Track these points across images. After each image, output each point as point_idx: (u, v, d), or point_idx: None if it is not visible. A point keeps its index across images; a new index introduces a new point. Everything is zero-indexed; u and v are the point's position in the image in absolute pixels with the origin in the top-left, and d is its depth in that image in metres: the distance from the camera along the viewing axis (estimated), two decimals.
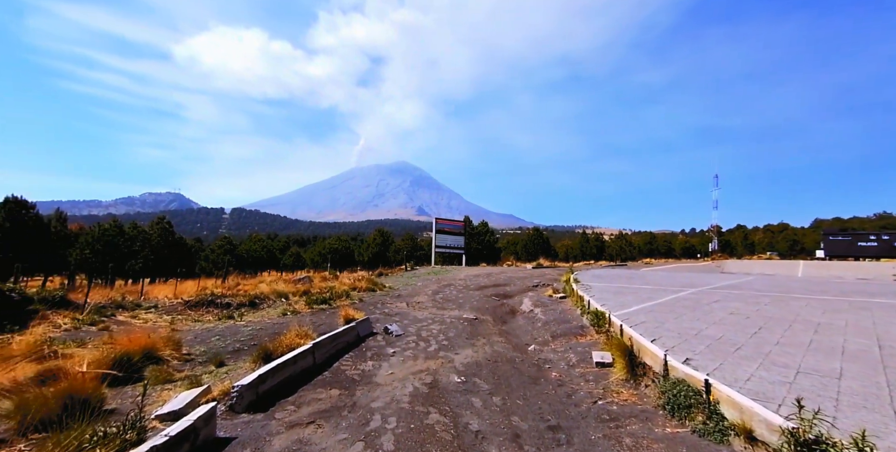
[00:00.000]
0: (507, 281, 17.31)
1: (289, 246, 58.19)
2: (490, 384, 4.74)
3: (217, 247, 43.79)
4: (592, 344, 6.43)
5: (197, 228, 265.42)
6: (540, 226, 58.08)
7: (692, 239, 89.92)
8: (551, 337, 7.37)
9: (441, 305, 11.02)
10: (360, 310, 9.30)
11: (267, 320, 8.16)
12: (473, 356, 5.88)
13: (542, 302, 11.19)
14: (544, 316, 9.34)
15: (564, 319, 8.49)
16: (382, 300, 11.41)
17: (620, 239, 68.15)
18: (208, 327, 7.44)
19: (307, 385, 4.13)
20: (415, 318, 8.91)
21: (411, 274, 22.39)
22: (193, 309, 9.50)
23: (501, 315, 10.29)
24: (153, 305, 9.49)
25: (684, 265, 34.35)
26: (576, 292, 10.46)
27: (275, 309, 9.45)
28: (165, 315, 9.00)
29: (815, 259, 40.22)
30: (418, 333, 7.23)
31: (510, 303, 11.84)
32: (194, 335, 6.85)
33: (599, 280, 14.87)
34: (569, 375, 5.21)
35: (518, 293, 14.24)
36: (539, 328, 8.25)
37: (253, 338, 6.68)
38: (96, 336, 6.51)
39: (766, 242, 74.85)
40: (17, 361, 4.59)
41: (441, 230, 31.53)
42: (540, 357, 6.24)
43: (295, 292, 12.14)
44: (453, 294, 13.24)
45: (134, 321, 8.24)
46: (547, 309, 10.15)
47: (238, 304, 9.84)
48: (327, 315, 8.66)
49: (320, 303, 9.23)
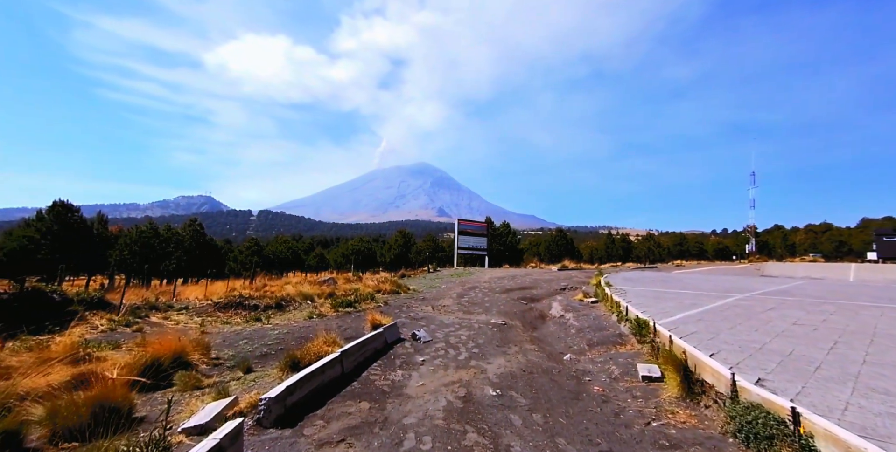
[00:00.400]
0: (533, 283, 16.82)
1: (313, 247, 59.36)
2: (528, 398, 4.40)
3: (245, 249, 45.14)
4: (635, 355, 5.97)
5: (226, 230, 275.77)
6: (562, 226, 56.36)
7: (725, 240, 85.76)
8: (588, 346, 6.94)
9: (467, 309, 10.72)
10: (386, 314, 9.13)
11: (293, 323, 8.09)
12: (507, 366, 5.55)
13: (572, 307, 10.71)
14: (577, 322, 8.88)
15: (600, 326, 8.02)
16: (407, 303, 11.22)
17: (648, 240, 65.72)
18: (236, 330, 7.43)
19: (336, 396, 3.92)
20: (441, 323, 8.65)
21: (434, 275, 22.19)
22: (222, 311, 9.60)
23: (531, 320, 9.89)
24: (184, 306, 9.65)
25: (719, 267, 32.63)
26: (609, 297, 9.92)
27: (301, 312, 9.41)
28: (196, 316, 9.12)
29: (866, 261, 37.39)
30: (447, 339, 6.96)
31: (539, 308, 11.41)
32: (223, 338, 6.83)
33: (632, 283, 14.17)
34: (613, 390, 4.80)
35: (546, 296, 13.76)
36: (573, 335, 7.81)
37: (280, 342, 6.59)
38: (130, 337, 6.59)
39: (809, 243, 70.41)
40: (54, 364, 4.61)
41: (463, 231, 31.22)
42: (577, 367, 5.84)
43: (320, 294, 12.14)
44: (479, 297, 12.91)
45: (166, 322, 8.37)
46: (579, 314, 9.67)
47: (265, 306, 9.88)
48: (353, 318, 8.53)
49: (345, 306, 9.13)
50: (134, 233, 33.56)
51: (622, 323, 7.72)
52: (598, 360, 6.12)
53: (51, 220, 29.66)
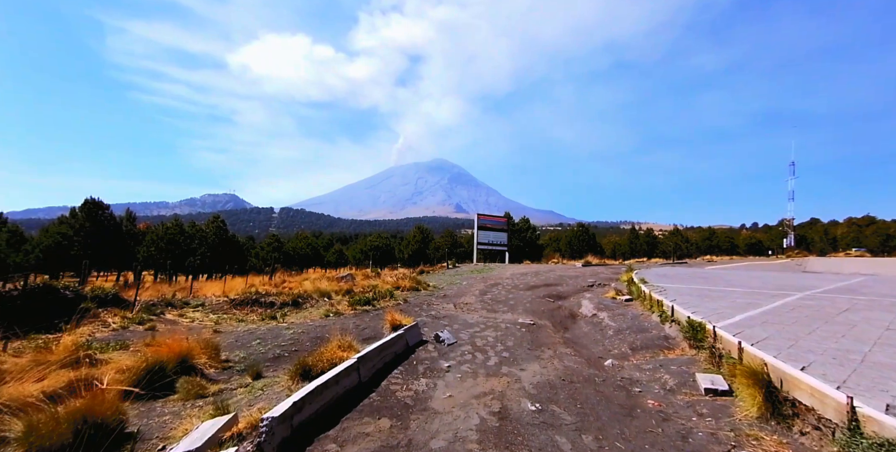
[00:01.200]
0: (558, 280, 16.03)
1: (332, 243, 59.88)
2: (573, 414, 3.77)
3: (266, 245, 45.80)
4: (689, 363, 5.22)
5: (249, 227, 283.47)
6: (582, 222, 54.68)
7: (757, 234, 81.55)
8: (630, 350, 6.21)
9: (491, 307, 10.10)
10: (406, 313, 8.62)
11: (309, 322, 7.68)
12: (543, 373, 4.91)
13: (605, 305, 9.93)
14: (613, 322, 8.12)
15: (640, 327, 7.25)
16: (428, 300, 10.70)
17: (675, 234, 63.14)
18: (251, 328, 7.07)
19: (352, 411, 3.40)
20: (465, 322, 8.07)
21: (454, 272, 21.64)
22: (238, 308, 9.32)
23: (560, 319, 9.18)
24: (200, 303, 9.42)
25: (756, 263, 30.75)
26: (648, 295, 9.09)
27: (318, 310, 9.02)
28: (212, 313, 8.86)
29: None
30: (472, 341, 6.37)
31: (567, 306, 10.68)
32: (235, 337, 6.46)
33: (669, 280, 13.20)
34: (671, 404, 4.10)
35: (573, 294, 12.99)
36: (611, 337, 7.08)
37: (294, 343, 6.16)
38: (141, 336, 6.30)
39: (851, 237, 66.05)
40: (52, 367, 4.27)
41: (483, 226, 30.52)
42: (623, 375, 5.15)
43: (338, 291, 11.77)
44: (502, 294, 12.26)
45: (181, 320, 8.11)
46: (614, 313, 8.90)
47: (281, 304, 9.54)
48: (371, 317, 8.05)
49: (363, 304, 8.67)
50: (160, 230, 34.41)
51: (667, 325, 6.93)
52: (644, 367, 5.40)
53: (83, 217, 30.69)
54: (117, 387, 3.43)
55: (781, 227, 59.29)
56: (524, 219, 52.71)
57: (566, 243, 56.31)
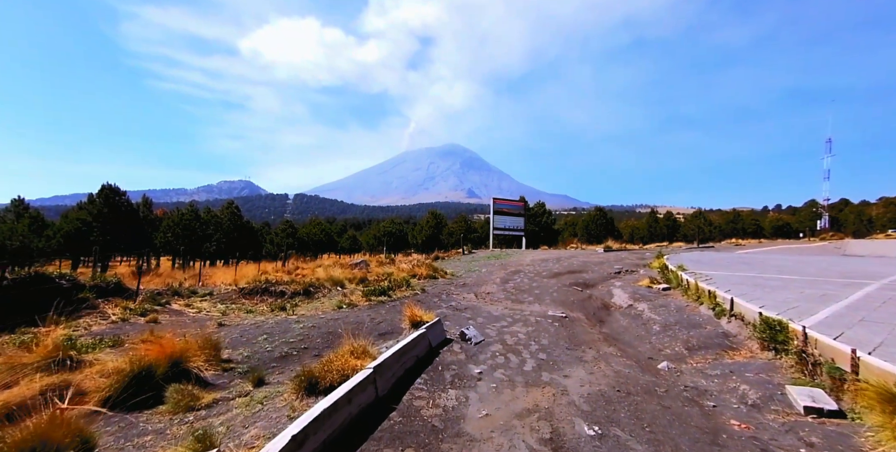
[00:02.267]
0: (582, 266, 15.13)
1: (345, 229, 59.84)
2: (643, 441, 3.00)
3: (280, 231, 45.89)
4: (767, 369, 4.37)
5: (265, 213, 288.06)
6: (596, 206, 52.88)
7: (784, 216, 78.05)
8: (686, 350, 5.39)
9: (515, 297, 9.35)
10: (425, 304, 7.94)
11: (321, 314, 7.08)
12: (592, 381, 4.15)
13: (641, 295, 9.07)
14: (656, 314, 7.28)
15: (691, 322, 6.39)
16: (447, 289, 10.01)
17: (697, 217, 60.79)
18: (258, 321, 6.50)
19: (368, 441, 2.71)
20: (490, 315, 7.35)
21: (470, 258, 20.92)
22: (248, 298, 8.81)
23: (594, 311, 8.38)
24: (209, 292, 8.94)
25: (791, 246, 29.03)
26: (693, 284, 8.17)
27: (331, 300, 8.42)
28: (220, 303, 8.36)
29: None
30: (502, 339, 5.64)
31: (597, 295, 9.85)
32: (241, 332, 5.88)
33: (706, 265, 12.16)
34: (763, 427, 3.29)
35: (600, 281, 12.12)
36: (658, 333, 6.25)
37: (304, 340, 5.54)
38: (142, 330, 5.77)
39: (888, 218, 62.52)
40: (26, 371, 3.71)
41: (499, 211, 29.53)
42: (685, 383, 4.35)
43: (352, 278, 11.19)
44: (525, 282, 11.49)
45: (187, 310, 7.62)
46: (654, 305, 8.04)
47: (292, 293, 8.99)
48: (387, 309, 7.40)
49: (378, 295, 8.03)
50: (176, 216, 34.60)
51: (724, 320, 6.06)
52: (710, 373, 4.59)
53: (100, 203, 30.96)
54: (81, 407, 2.82)
55: (815, 208, 56.17)
56: (539, 204, 51.33)
57: (583, 228, 54.85)
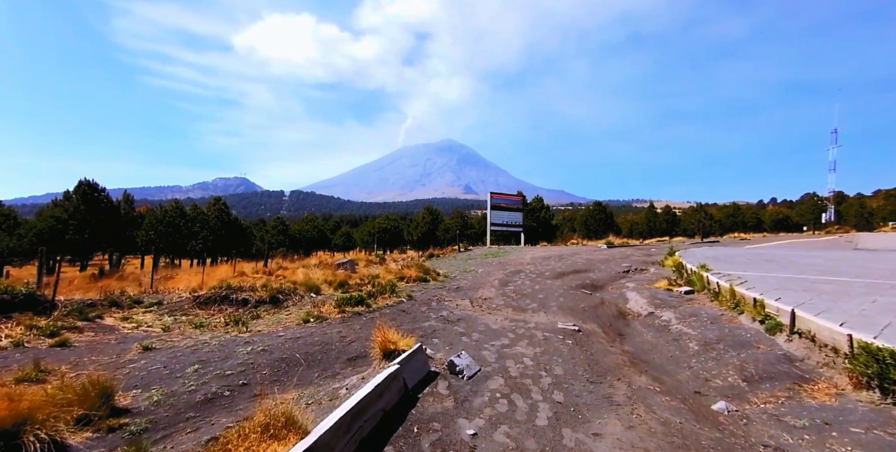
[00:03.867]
0: (587, 265, 13.91)
1: (339, 226, 58.41)
2: None
3: (271, 228, 44.39)
4: (881, 420, 3.13)
5: (261, 210, 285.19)
6: (591, 201, 51.98)
7: (784, 209, 77.21)
8: (743, 381, 4.14)
9: (517, 303, 8.10)
10: (410, 316, 6.66)
11: (280, 331, 5.78)
12: (634, 442, 2.90)
13: (661, 300, 7.83)
14: (688, 326, 6.04)
15: (736, 338, 5.15)
16: (438, 294, 8.74)
17: (698, 211, 59.68)
18: (199, 342, 5.20)
19: None
20: (487, 329, 6.09)
21: (466, 256, 19.66)
22: (204, 307, 7.50)
23: (609, 320, 7.14)
24: (157, 302, 7.62)
25: (798, 240, 27.97)
26: (724, 287, 6.93)
27: (300, 310, 7.13)
28: (167, 315, 7.05)
29: None
30: (503, 367, 4.37)
31: (609, 299, 8.62)
32: (168, 359, 4.58)
33: (727, 264, 10.94)
34: None
35: (609, 282, 10.91)
36: (699, 354, 5.01)
37: (246, 371, 4.25)
38: (28, 360, 4.45)
39: (889, 210, 61.83)
40: None
41: (497, 206, 28.26)
42: (760, 439, 3.10)
43: (332, 282, 9.90)
44: (527, 284, 10.24)
45: (122, 325, 6.31)
46: (680, 313, 6.81)
47: (257, 301, 7.69)
48: (363, 323, 6.11)
49: (355, 304, 6.74)
50: (159, 213, 33.05)
51: (780, 337, 4.82)
52: (791, 422, 3.34)
53: (77, 200, 29.37)
54: None
55: (819, 201, 55.17)
56: (537, 199, 50.06)
57: (581, 223, 53.72)
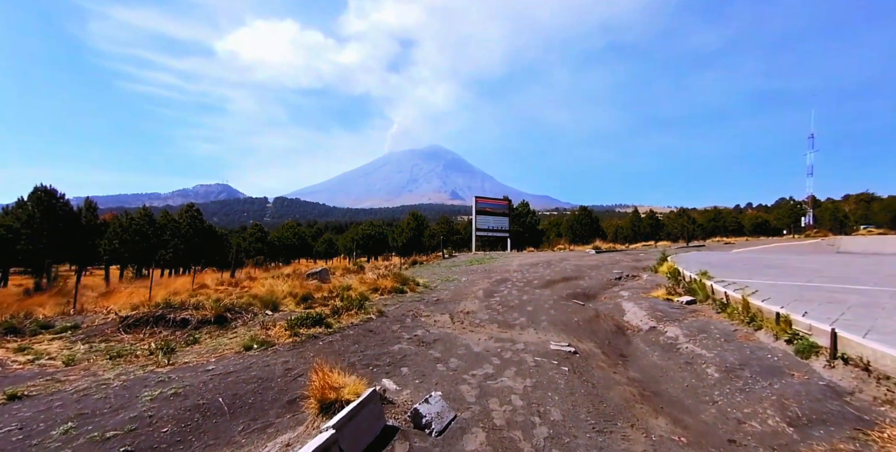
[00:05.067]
0: (577, 271, 13.13)
1: (321, 232, 56.69)
2: None
3: (249, 235, 42.53)
4: None
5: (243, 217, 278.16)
6: (576, 206, 51.91)
7: (763, 213, 79.05)
8: (788, 426, 3.27)
9: (503, 318, 7.16)
10: (376, 338, 5.63)
11: (211, 362, 4.68)
12: None
13: (663, 312, 7.02)
14: (699, 346, 5.19)
15: (762, 362, 4.31)
16: (414, 309, 7.73)
17: (681, 216, 60.32)
18: (94, 385, 4.05)
19: None
20: (468, 352, 5.12)
21: (450, 262, 18.69)
22: (132, 330, 6.30)
23: (607, 337, 6.26)
24: (73, 325, 6.37)
25: (781, 244, 28.01)
26: (734, 298, 6.15)
27: (248, 332, 6.02)
28: (82, 342, 5.84)
29: None
30: (485, 411, 3.41)
31: (605, 311, 7.77)
32: (31, 416, 3.44)
33: (726, 270, 10.26)
34: None
35: (602, 291, 10.11)
36: (721, 383, 4.13)
37: (136, 432, 3.15)
38: None
39: (860, 214, 63.86)
40: None
41: (482, 210, 27.46)
42: None
43: (295, 295, 8.79)
44: (514, 295, 9.33)
45: (14, 358, 5.09)
46: (687, 328, 5.98)
47: (199, 321, 6.53)
48: (317, 351, 5.06)
49: (312, 324, 5.68)
50: (125, 220, 31.05)
51: (816, 361, 4.01)
52: None
53: (31, 207, 27.26)
54: None
55: (799, 205, 56.42)
56: (524, 203, 49.64)
57: (567, 228, 53.54)
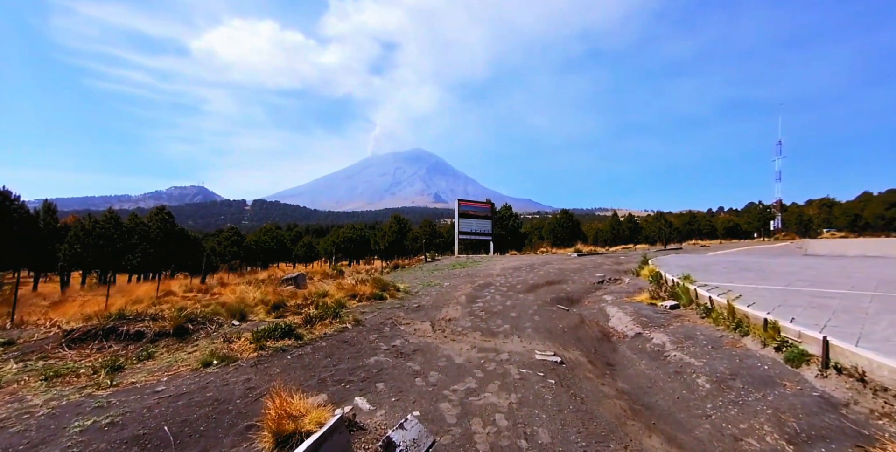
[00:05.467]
0: (560, 275, 13.03)
1: (301, 236, 55.28)
2: None
3: (224, 239, 40.95)
4: None
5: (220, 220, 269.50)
6: (557, 209, 52.80)
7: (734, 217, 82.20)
8: (789, 445, 3.08)
9: (486, 325, 6.87)
10: (352, 350, 5.22)
11: (162, 383, 4.19)
12: None
13: (648, 317, 6.90)
14: (687, 354, 5.04)
15: (752, 372, 4.16)
16: (394, 317, 7.35)
17: (658, 219, 61.93)
18: (16, 414, 3.52)
19: None
20: (450, 364, 4.80)
21: (432, 266, 18.35)
22: (78, 346, 5.68)
23: (592, 344, 6.06)
24: (5, 342, 5.69)
25: (754, 247, 28.95)
26: (718, 303, 6.06)
27: (211, 343, 5.51)
28: (15, 361, 5.19)
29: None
30: (467, 437, 3.09)
31: (589, 317, 7.61)
32: None
33: (705, 273, 10.31)
34: None
35: (585, 295, 10.00)
36: (713, 396, 3.95)
37: None
38: None
39: (822, 218, 67.19)
40: None
41: (465, 213, 27.25)
42: None
43: (266, 302, 8.26)
44: (497, 300, 9.07)
45: None
46: (672, 334, 5.84)
47: (156, 333, 5.97)
48: (284, 367, 4.63)
49: (281, 336, 5.23)
50: (88, 224, 29.29)
51: (807, 370, 3.88)
52: None
53: None
54: None
55: (769, 209, 58.80)
56: (506, 207, 49.85)
57: (549, 231, 54.10)
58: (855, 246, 25.73)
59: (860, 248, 23.91)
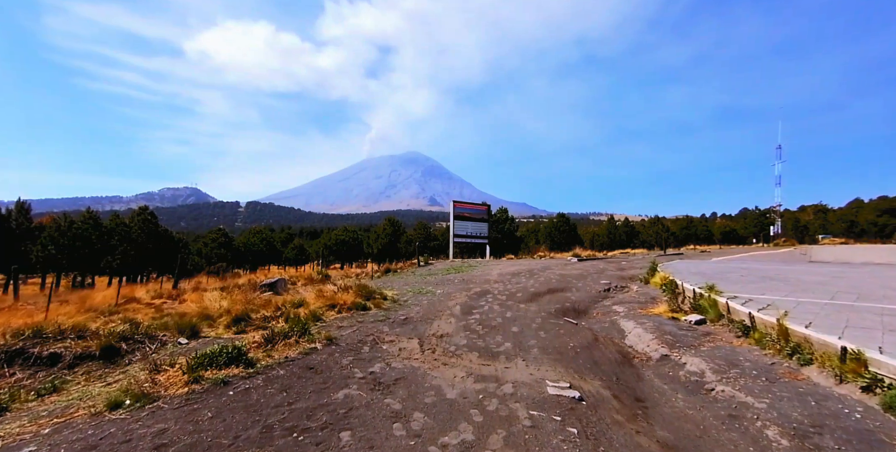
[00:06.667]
0: (562, 281, 12.02)
1: (292, 238, 53.87)
2: None
3: (210, 241, 39.50)
4: None
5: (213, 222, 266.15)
6: (553, 213, 52.39)
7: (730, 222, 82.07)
8: None
9: (484, 343, 5.80)
10: (317, 378, 4.11)
11: (38, 438, 3.06)
12: None
13: (673, 335, 5.86)
14: (739, 389, 4.00)
15: (841, 423, 3.13)
16: (375, 332, 6.25)
17: (656, 224, 61.28)
18: None
19: None
20: (439, 403, 3.72)
21: (426, 270, 17.26)
22: None
23: (612, 370, 5.00)
24: None
25: (760, 253, 28.18)
26: (761, 322, 5.05)
27: (139, 373, 4.38)
28: None
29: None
30: None
31: (601, 332, 6.56)
32: None
33: (723, 282, 9.30)
34: None
35: (592, 305, 8.99)
36: None
37: None
38: None
39: (818, 224, 67.12)
40: None
41: (460, 215, 26.23)
42: None
43: (230, 313, 7.13)
44: (496, 311, 8.01)
45: None
46: (709, 358, 4.81)
47: (77, 355, 4.83)
48: (222, 406, 3.51)
49: (227, 363, 4.12)
50: (63, 224, 27.84)
51: None
52: None
53: None
54: None
55: (766, 214, 58.45)
56: (502, 210, 48.90)
57: (546, 235, 53.25)
58: (860, 252, 25.02)
59: (865, 255, 23.19)
